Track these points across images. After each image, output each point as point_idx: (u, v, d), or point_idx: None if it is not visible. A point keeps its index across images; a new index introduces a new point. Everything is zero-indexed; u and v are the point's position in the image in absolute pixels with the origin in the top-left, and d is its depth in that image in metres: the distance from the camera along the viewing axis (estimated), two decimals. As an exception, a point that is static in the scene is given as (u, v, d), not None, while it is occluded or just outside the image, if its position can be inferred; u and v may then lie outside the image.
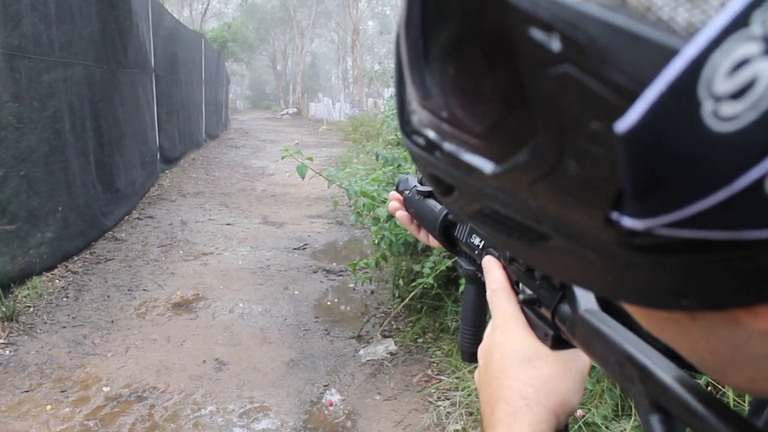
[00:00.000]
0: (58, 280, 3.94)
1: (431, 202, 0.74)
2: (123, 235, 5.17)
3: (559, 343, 0.47)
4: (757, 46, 0.15)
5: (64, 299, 3.70)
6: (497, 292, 0.54)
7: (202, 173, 9.05)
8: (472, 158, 0.23)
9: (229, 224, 5.88)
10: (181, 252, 4.85)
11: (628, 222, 0.19)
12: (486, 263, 0.57)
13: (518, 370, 0.48)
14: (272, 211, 6.63)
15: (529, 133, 0.20)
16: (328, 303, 3.88)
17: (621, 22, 0.17)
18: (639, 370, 0.33)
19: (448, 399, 2.60)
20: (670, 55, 0.16)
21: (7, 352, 2.99)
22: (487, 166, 0.22)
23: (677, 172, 0.17)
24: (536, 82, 0.19)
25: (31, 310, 3.46)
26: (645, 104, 0.17)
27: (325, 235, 5.62)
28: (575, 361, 0.49)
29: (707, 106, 0.16)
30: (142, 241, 5.08)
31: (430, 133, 0.25)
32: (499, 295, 0.54)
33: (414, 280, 3.16)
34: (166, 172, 8.26)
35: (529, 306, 0.51)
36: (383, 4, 39.02)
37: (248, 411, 2.59)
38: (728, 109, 0.16)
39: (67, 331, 3.28)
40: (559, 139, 0.19)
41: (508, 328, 0.51)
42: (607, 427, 2.02)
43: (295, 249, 5.07)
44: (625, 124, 0.17)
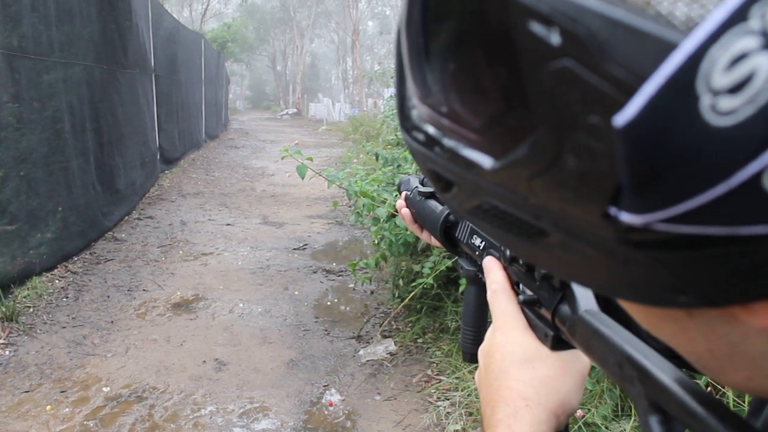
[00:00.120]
0: (57, 281, 3.94)
1: (432, 203, 0.74)
2: (123, 236, 5.17)
3: (559, 343, 0.47)
4: (756, 40, 0.15)
5: (64, 299, 3.70)
6: (498, 293, 0.54)
7: (202, 173, 9.05)
8: (471, 153, 0.23)
9: (228, 224, 5.88)
10: (180, 252, 4.85)
11: (626, 217, 0.19)
12: (486, 264, 0.57)
13: (518, 370, 0.49)
14: (272, 211, 6.63)
15: (529, 128, 0.20)
16: (328, 303, 3.88)
17: (620, 16, 0.17)
18: (638, 371, 0.33)
19: (448, 399, 2.60)
20: (668, 49, 0.16)
21: (7, 353, 2.99)
22: (486, 162, 0.23)
23: (675, 167, 0.17)
24: (536, 77, 0.19)
25: (31, 310, 3.46)
26: (643, 98, 0.17)
27: (325, 235, 5.63)
28: (575, 362, 0.49)
29: (705, 101, 0.16)
30: (141, 242, 5.08)
31: (430, 129, 0.25)
32: (500, 296, 0.54)
33: (414, 280, 3.16)
34: (166, 172, 8.27)
35: (530, 307, 0.51)
36: (383, 4, 39.05)
37: (248, 411, 2.59)
38: (726, 103, 0.16)
39: (67, 331, 3.28)
40: (558, 133, 0.19)
41: (509, 329, 0.51)
42: (606, 428, 2.02)
43: (295, 249, 5.07)
44: (623, 118, 0.17)
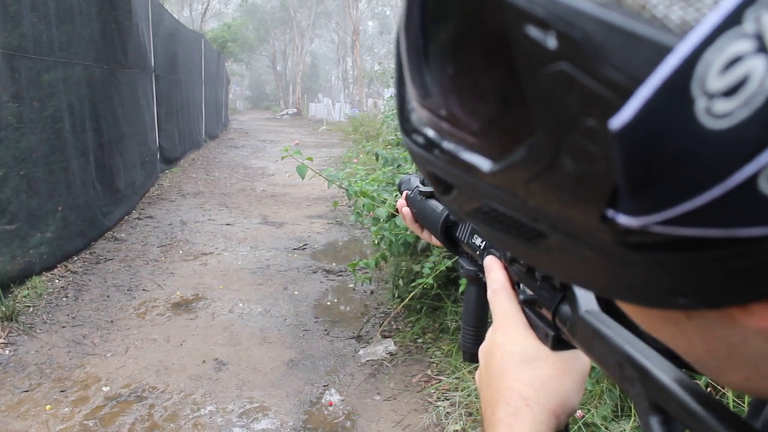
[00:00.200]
0: (57, 280, 3.94)
1: (433, 203, 0.74)
2: (123, 235, 5.17)
3: (559, 343, 0.47)
4: (750, 43, 0.15)
5: (64, 299, 3.70)
6: (498, 293, 0.54)
7: (202, 173, 9.05)
8: (470, 156, 0.23)
9: (228, 224, 5.88)
10: (180, 252, 4.85)
11: (623, 219, 0.19)
12: (487, 263, 0.57)
13: (519, 370, 0.49)
14: (272, 211, 6.63)
15: (526, 130, 0.20)
16: (328, 303, 3.88)
17: (616, 20, 0.17)
18: (638, 371, 0.33)
19: (448, 399, 2.60)
20: (664, 52, 0.16)
21: (7, 352, 2.99)
22: (485, 164, 0.23)
23: (671, 169, 0.17)
24: (533, 80, 0.19)
25: (31, 310, 3.46)
26: (639, 101, 0.17)
27: (325, 235, 5.62)
28: (576, 362, 0.49)
29: (700, 103, 0.16)
30: (141, 241, 5.08)
31: (430, 132, 0.26)
32: (500, 296, 0.54)
33: (414, 281, 3.16)
34: (166, 172, 8.27)
35: (530, 306, 0.51)
36: (383, 4, 39.05)
37: (248, 411, 2.59)
38: (721, 106, 0.16)
39: (67, 330, 3.28)
40: (555, 136, 0.19)
41: (509, 329, 0.51)
42: (606, 428, 2.02)
43: (294, 249, 5.07)
44: (619, 120, 0.17)
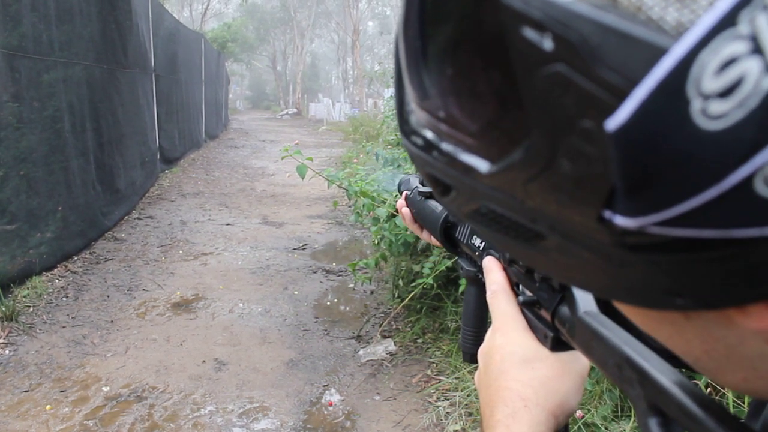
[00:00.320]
0: (57, 280, 3.94)
1: (432, 203, 0.74)
2: (123, 235, 5.17)
3: (558, 344, 0.47)
4: (745, 45, 0.15)
5: (64, 299, 3.70)
6: (497, 294, 0.54)
7: (202, 173, 9.05)
8: (468, 158, 0.23)
9: (228, 224, 5.88)
10: (180, 252, 4.85)
11: (620, 220, 0.19)
12: (486, 264, 0.57)
13: (517, 371, 0.49)
14: (272, 211, 6.63)
15: (524, 132, 0.20)
16: (328, 303, 3.88)
17: (612, 22, 0.17)
18: (637, 373, 0.33)
19: (448, 399, 2.60)
20: (659, 54, 0.16)
21: (7, 352, 2.99)
22: (483, 166, 0.23)
23: (667, 171, 0.17)
24: (529, 82, 0.19)
25: (31, 309, 3.46)
26: (635, 102, 0.17)
27: (325, 235, 5.63)
28: (575, 363, 0.49)
29: (696, 105, 0.16)
30: (141, 241, 5.08)
31: (428, 134, 0.26)
32: (499, 297, 0.54)
33: (414, 281, 3.16)
34: (166, 172, 8.27)
35: (529, 307, 0.51)
36: (383, 4, 39.05)
37: (248, 411, 2.59)
38: (717, 107, 0.16)
39: (67, 330, 3.28)
40: (552, 137, 0.19)
41: (508, 330, 0.51)
42: (606, 428, 2.02)
43: (294, 249, 5.07)
44: (615, 122, 0.17)
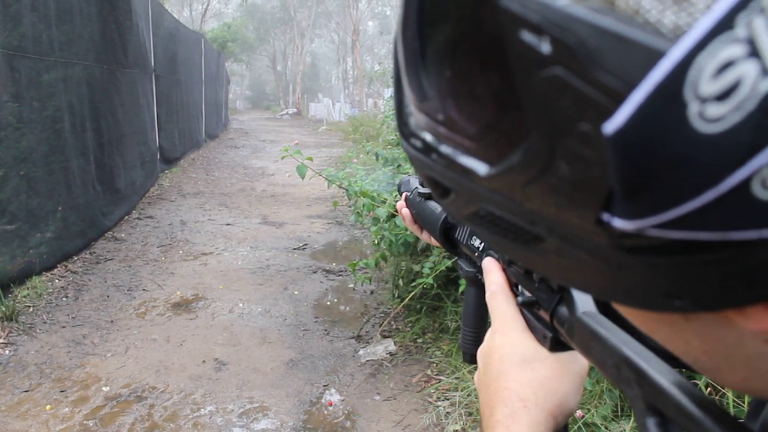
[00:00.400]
0: (57, 280, 3.94)
1: (432, 204, 0.74)
2: (123, 235, 5.17)
3: (557, 345, 0.47)
4: (742, 48, 0.15)
5: (64, 299, 3.70)
6: (496, 294, 0.54)
7: (202, 173, 9.05)
8: (467, 160, 0.23)
9: (228, 224, 5.88)
10: (180, 252, 4.85)
11: (618, 223, 0.19)
12: (486, 265, 0.57)
13: (517, 371, 0.49)
14: (272, 211, 6.63)
15: (522, 135, 0.20)
16: (328, 303, 3.88)
17: (609, 25, 0.17)
18: (635, 373, 0.33)
19: (448, 399, 2.60)
20: (656, 57, 0.16)
21: (7, 352, 2.99)
22: (481, 168, 0.23)
23: (665, 173, 0.17)
24: (527, 84, 0.19)
25: (31, 309, 3.46)
26: (632, 106, 0.17)
27: (325, 235, 5.62)
28: (574, 363, 0.49)
29: (693, 108, 0.16)
30: (141, 241, 5.08)
31: (427, 136, 0.26)
32: (498, 297, 0.54)
33: (414, 281, 3.16)
34: (166, 172, 8.27)
35: (528, 308, 0.51)
36: (383, 4, 39.04)
37: (248, 411, 2.59)
38: (714, 110, 0.16)
39: (67, 330, 3.28)
40: (550, 140, 0.19)
41: (507, 330, 0.51)
42: (606, 428, 2.02)
43: (294, 249, 5.07)
44: (613, 125, 0.17)
